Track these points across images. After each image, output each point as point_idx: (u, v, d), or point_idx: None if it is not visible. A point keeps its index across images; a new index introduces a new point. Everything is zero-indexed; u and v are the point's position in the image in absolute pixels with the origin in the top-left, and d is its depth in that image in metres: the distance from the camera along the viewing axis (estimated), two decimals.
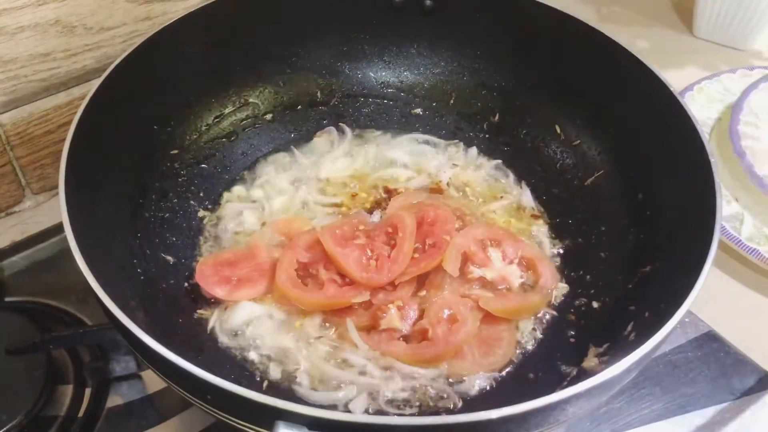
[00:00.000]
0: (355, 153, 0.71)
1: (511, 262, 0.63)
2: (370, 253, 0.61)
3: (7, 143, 0.73)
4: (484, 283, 0.62)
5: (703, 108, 0.92)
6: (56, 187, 0.77)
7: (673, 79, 0.96)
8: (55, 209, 0.76)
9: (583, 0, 1.14)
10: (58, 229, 0.75)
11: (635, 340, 0.49)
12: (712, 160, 0.54)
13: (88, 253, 0.47)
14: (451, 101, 0.74)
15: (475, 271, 0.62)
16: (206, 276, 0.61)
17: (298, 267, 0.61)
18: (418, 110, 0.74)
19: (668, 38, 1.08)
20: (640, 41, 1.07)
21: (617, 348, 0.52)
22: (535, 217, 0.67)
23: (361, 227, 0.63)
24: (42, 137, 0.75)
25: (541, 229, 0.66)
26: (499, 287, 0.62)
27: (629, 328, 0.53)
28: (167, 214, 0.64)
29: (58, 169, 0.75)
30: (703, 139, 0.55)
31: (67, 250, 0.71)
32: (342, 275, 0.61)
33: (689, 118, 0.56)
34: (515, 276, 0.63)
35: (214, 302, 0.61)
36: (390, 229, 0.63)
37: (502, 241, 0.64)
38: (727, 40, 1.05)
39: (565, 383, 0.52)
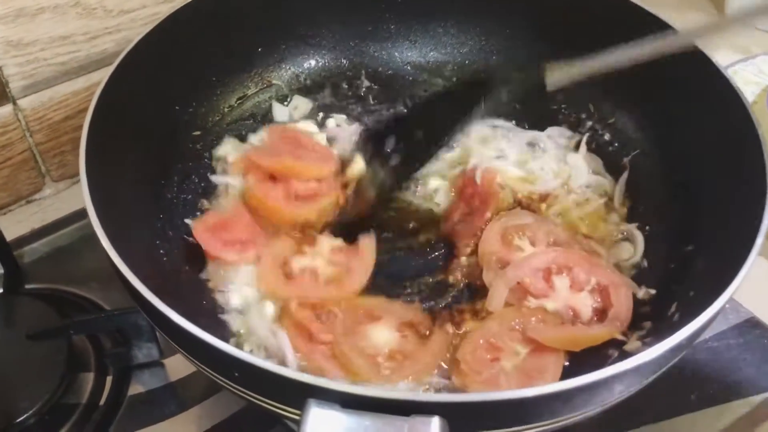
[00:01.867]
0: None
1: (581, 290, 0.56)
2: None
3: (27, 129, 0.72)
4: (545, 315, 0.55)
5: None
6: (76, 174, 0.77)
7: None
8: (76, 197, 0.76)
9: None
10: (78, 216, 0.74)
11: (680, 321, 0.46)
12: (761, 137, 0.51)
13: (111, 235, 0.46)
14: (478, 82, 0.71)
15: (532, 302, 0.56)
16: (208, 240, 0.59)
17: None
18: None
19: (699, 20, 1.05)
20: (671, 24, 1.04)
21: (661, 329, 0.49)
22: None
23: None
24: (62, 123, 0.74)
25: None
26: (566, 317, 0.56)
27: (673, 308, 0.50)
28: (190, 196, 0.62)
29: (78, 156, 0.74)
30: (751, 114, 0.52)
31: (87, 237, 0.70)
32: None
33: (736, 93, 0.53)
34: (585, 305, 0.56)
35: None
36: None
37: (574, 266, 0.57)
38: (760, 22, 1.02)
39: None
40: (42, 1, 0.65)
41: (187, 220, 0.60)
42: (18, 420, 0.56)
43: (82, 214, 0.73)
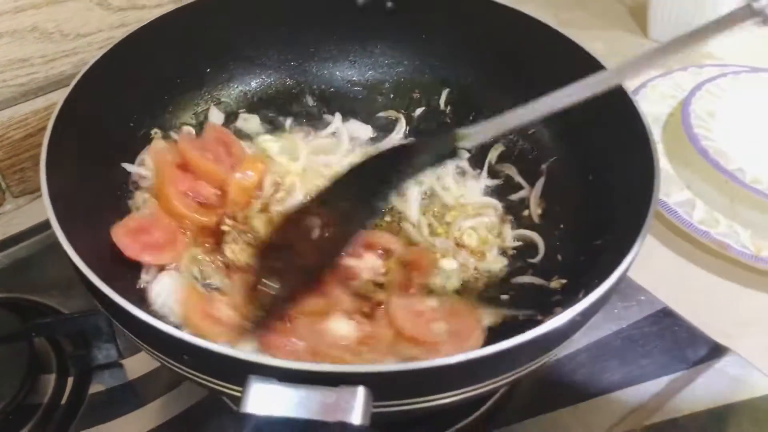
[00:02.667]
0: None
1: None
2: None
3: None
4: None
5: (655, 104, 0.97)
6: (36, 190, 0.81)
7: (632, 80, 1.02)
8: (35, 212, 0.80)
9: (543, 4, 1.19)
10: (38, 229, 0.78)
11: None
12: (653, 146, 0.58)
13: (70, 237, 0.49)
14: (414, 95, 0.78)
15: None
16: (128, 244, 0.61)
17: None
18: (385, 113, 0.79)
19: (624, 41, 1.13)
20: (597, 43, 1.10)
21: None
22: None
23: None
24: (21, 141, 0.77)
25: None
26: None
27: (581, 295, 0.56)
28: None
29: (37, 173, 0.78)
30: (645, 125, 0.59)
31: (47, 249, 0.75)
32: None
33: (636, 109, 0.60)
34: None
35: None
36: None
37: None
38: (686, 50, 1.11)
39: None
40: (0, 27, 0.70)
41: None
42: None
43: (41, 227, 0.78)
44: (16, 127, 0.76)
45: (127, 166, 0.67)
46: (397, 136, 0.75)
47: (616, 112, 0.61)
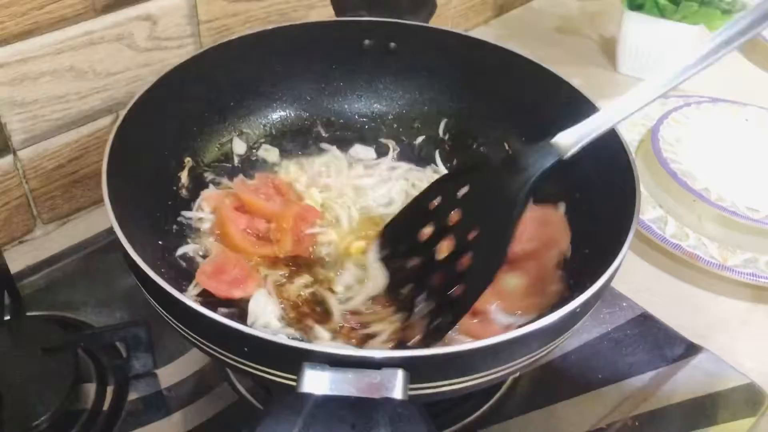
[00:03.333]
0: None
1: None
2: None
3: (24, 177, 0.82)
4: None
5: (627, 131, 1.07)
6: (64, 217, 0.87)
7: None
8: (64, 237, 0.86)
9: (520, 44, 1.29)
10: (68, 253, 0.84)
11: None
12: (634, 170, 0.66)
13: (133, 245, 0.55)
14: (415, 125, 0.86)
15: None
16: (216, 286, 0.67)
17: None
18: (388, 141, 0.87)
19: (597, 75, 1.23)
20: (574, 79, 1.20)
21: None
22: None
23: None
24: (53, 171, 0.84)
25: None
26: None
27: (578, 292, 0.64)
28: (179, 228, 0.73)
29: (66, 201, 0.84)
30: (627, 151, 0.68)
31: (78, 271, 0.81)
32: None
33: (617, 135, 0.69)
34: None
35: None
36: None
37: None
38: (646, 75, 1.21)
39: None
40: (43, 67, 0.76)
41: (180, 251, 0.71)
42: (34, 424, 0.65)
43: (70, 252, 0.84)
44: (50, 158, 0.82)
45: (186, 213, 0.74)
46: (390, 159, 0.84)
47: (602, 139, 0.69)
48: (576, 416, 0.71)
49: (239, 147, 0.81)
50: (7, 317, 0.73)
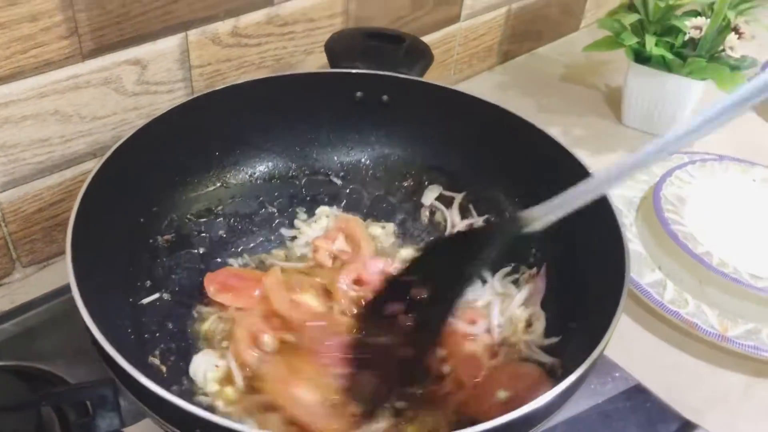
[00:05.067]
0: None
1: None
2: None
3: (3, 220, 0.80)
4: None
5: (629, 188, 1.04)
6: (44, 260, 0.85)
7: (605, 162, 1.09)
8: (43, 281, 0.84)
9: (525, 91, 1.28)
10: (45, 299, 0.82)
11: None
12: (625, 235, 0.63)
13: (92, 312, 0.54)
14: (405, 183, 0.84)
15: None
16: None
17: None
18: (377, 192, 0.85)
19: (600, 126, 1.21)
20: (576, 129, 1.19)
21: None
22: None
23: None
24: (34, 214, 0.82)
25: None
26: None
27: (559, 374, 0.61)
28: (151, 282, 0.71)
29: (47, 244, 0.82)
30: (616, 215, 0.65)
31: (54, 319, 0.79)
32: None
33: (607, 200, 0.66)
34: None
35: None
36: None
37: None
38: (651, 128, 1.19)
39: None
40: (26, 110, 0.74)
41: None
42: None
43: (48, 297, 0.82)
44: (30, 201, 0.81)
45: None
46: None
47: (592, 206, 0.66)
48: None
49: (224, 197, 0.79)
50: None
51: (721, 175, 1.04)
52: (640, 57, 1.11)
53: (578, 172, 0.68)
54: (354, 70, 0.80)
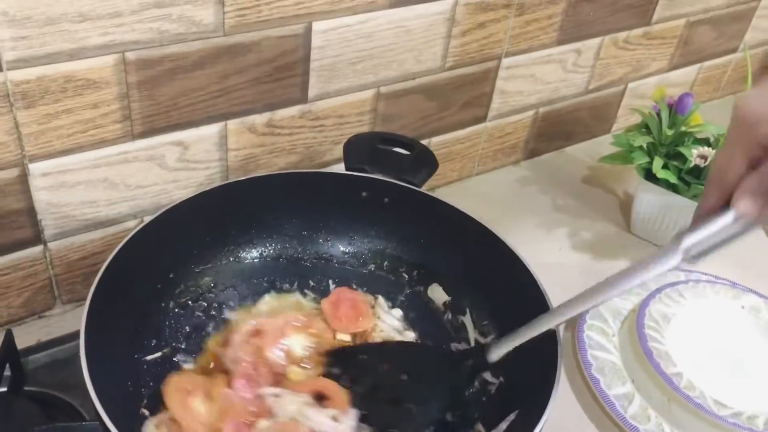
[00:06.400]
0: None
1: None
2: None
3: (50, 264, 0.93)
4: None
5: (621, 299, 1.10)
6: (82, 299, 0.98)
7: (605, 267, 1.16)
8: (78, 318, 0.96)
9: (545, 189, 1.35)
10: (77, 335, 0.94)
11: None
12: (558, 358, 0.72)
13: (92, 363, 0.65)
14: (401, 270, 0.94)
15: None
16: None
17: None
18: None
19: (609, 232, 1.27)
20: (585, 232, 1.26)
21: None
22: None
23: None
24: (77, 261, 0.95)
25: None
26: None
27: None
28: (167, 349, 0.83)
29: (86, 287, 0.95)
30: (556, 329, 0.73)
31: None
32: None
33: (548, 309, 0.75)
34: None
35: None
36: None
37: None
38: (656, 240, 1.25)
39: None
40: (80, 178, 0.88)
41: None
42: None
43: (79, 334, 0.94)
44: (75, 250, 0.94)
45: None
46: None
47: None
48: None
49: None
50: (4, 389, 0.84)
51: (711, 298, 1.09)
52: (651, 174, 1.18)
53: (540, 304, 0.77)
54: (362, 174, 0.91)
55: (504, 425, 0.74)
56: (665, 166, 1.14)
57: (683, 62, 1.51)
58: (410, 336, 0.89)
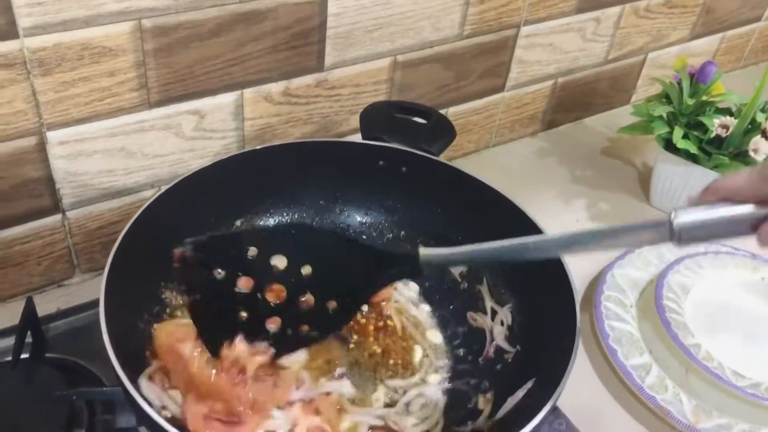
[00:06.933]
0: None
1: None
2: None
3: (69, 233, 0.94)
4: None
5: (639, 270, 1.09)
6: (101, 268, 0.99)
7: None
8: (97, 286, 0.97)
9: (563, 160, 1.34)
10: (96, 303, 0.95)
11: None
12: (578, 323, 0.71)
13: (112, 330, 0.66)
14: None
15: None
16: None
17: None
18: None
19: (627, 204, 1.26)
20: (603, 204, 1.25)
21: None
22: None
23: None
24: (95, 230, 0.96)
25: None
26: None
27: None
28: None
29: (104, 256, 0.96)
30: (575, 299, 0.73)
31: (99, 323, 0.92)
32: None
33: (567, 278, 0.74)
34: None
35: None
36: None
37: None
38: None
39: None
40: (97, 146, 0.88)
41: None
42: None
43: (97, 302, 0.95)
44: (93, 219, 0.94)
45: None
46: None
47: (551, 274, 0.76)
48: None
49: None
50: (27, 355, 0.85)
51: (730, 269, 1.08)
52: (671, 145, 1.16)
53: (558, 273, 0.77)
54: (379, 143, 0.90)
55: (521, 393, 0.73)
56: (686, 136, 1.13)
57: (705, 31, 1.48)
58: (425, 309, 0.90)
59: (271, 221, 0.93)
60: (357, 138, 0.96)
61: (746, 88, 1.14)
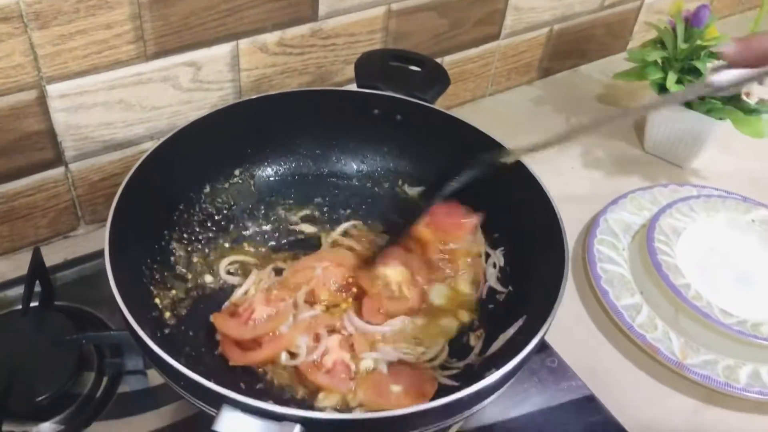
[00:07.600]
0: None
1: None
2: None
3: (72, 185, 0.96)
4: None
5: (632, 214, 1.12)
6: (104, 220, 1.01)
7: (617, 185, 1.16)
8: (101, 237, 0.99)
9: (558, 109, 1.35)
10: (101, 253, 0.98)
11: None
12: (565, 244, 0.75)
13: (118, 276, 0.68)
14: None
15: None
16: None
17: None
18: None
19: (622, 151, 1.27)
20: (598, 150, 1.27)
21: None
22: None
23: None
24: (98, 182, 0.98)
25: None
26: None
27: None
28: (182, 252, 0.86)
29: (107, 207, 0.98)
30: (565, 241, 0.75)
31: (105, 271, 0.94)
32: None
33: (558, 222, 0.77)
34: None
35: None
36: None
37: None
38: (671, 158, 1.25)
39: None
40: (97, 99, 0.90)
41: None
42: (38, 399, 0.78)
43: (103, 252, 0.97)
44: (95, 171, 0.96)
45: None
46: None
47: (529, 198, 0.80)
48: None
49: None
50: (36, 303, 0.88)
51: (722, 212, 1.10)
52: (665, 90, 1.17)
53: (551, 218, 0.79)
54: (373, 91, 0.91)
55: (512, 330, 0.76)
56: (679, 81, 1.13)
57: None
58: None
59: (269, 170, 0.95)
60: (352, 87, 0.97)
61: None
